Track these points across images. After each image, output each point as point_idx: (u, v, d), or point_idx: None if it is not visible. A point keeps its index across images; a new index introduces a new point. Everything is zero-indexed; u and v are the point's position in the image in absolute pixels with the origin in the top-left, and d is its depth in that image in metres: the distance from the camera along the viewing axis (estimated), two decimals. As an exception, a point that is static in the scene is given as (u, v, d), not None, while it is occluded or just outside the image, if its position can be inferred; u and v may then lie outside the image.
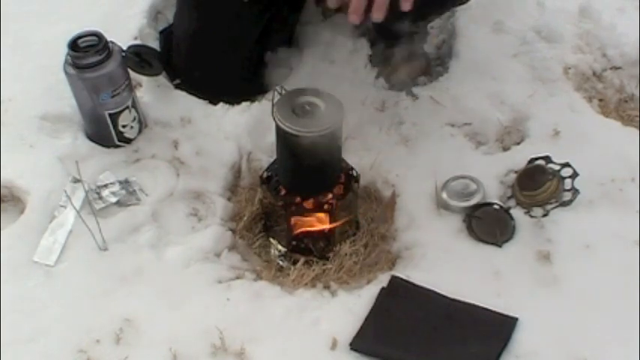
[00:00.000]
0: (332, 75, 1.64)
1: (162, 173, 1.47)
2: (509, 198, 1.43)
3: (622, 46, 1.70)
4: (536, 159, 1.45)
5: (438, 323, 1.26)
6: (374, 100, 1.61)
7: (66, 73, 1.40)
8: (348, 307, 1.28)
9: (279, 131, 1.26)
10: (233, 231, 1.43)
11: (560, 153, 1.45)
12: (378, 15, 1.19)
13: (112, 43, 1.42)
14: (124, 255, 1.34)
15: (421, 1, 1.21)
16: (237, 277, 1.34)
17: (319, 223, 1.36)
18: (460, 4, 1.61)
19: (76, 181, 1.42)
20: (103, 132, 1.47)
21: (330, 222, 1.36)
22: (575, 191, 1.40)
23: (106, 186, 1.42)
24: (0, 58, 1.61)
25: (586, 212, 1.39)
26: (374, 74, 1.67)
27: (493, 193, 1.43)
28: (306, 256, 1.40)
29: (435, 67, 1.75)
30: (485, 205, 1.40)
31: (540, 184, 1.39)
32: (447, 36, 1.81)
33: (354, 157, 1.45)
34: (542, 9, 1.77)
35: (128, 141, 1.50)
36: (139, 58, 1.50)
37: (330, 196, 1.33)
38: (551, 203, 1.40)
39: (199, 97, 1.58)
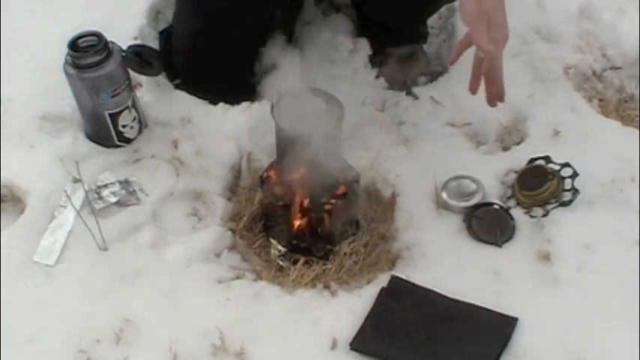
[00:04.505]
0: (332, 75, 1.64)
1: (162, 173, 1.47)
2: (509, 198, 1.43)
3: (622, 46, 1.70)
4: (536, 159, 1.45)
5: (438, 323, 1.26)
6: (374, 100, 1.61)
7: (66, 73, 1.40)
8: (348, 307, 1.28)
9: (279, 131, 1.26)
10: (233, 231, 1.43)
11: (560, 153, 1.45)
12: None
13: (112, 43, 1.42)
14: (124, 255, 1.34)
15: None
16: (237, 277, 1.34)
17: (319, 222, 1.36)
18: (449, 1, 1.62)
19: (76, 181, 1.42)
20: (103, 132, 1.47)
21: (330, 222, 1.36)
22: (575, 191, 1.40)
23: (106, 186, 1.42)
24: (0, 58, 1.61)
25: (586, 212, 1.39)
26: (374, 74, 1.67)
27: (493, 193, 1.43)
28: (306, 256, 1.40)
29: (435, 67, 1.75)
30: (485, 205, 1.40)
31: (540, 184, 1.39)
32: (447, 36, 1.82)
33: (354, 157, 1.45)
34: (542, 9, 1.76)
35: (128, 141, 1.50)
36: (139, 58, 1.49)
37: (330, 196, 1.33)
38: (551, 203, 1.40)
39: (199, 97, 1.58)
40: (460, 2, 1.22)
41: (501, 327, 1.24)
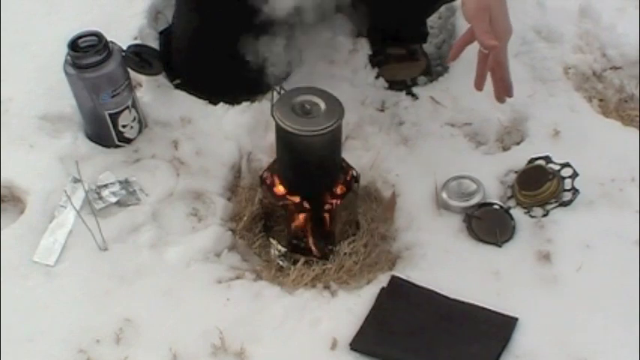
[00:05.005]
0: (332, 75, 1.64)
1: (162, 173, 1.47)
2: (509, 198, 1.43)
3: (622, 46, 1.70)
4: (536, 159, 1.45)
5: (438, 323, 1.26)
6: (374, 100, 1.61)
7: (66, 73, 1.40)
8: (348, 307, 1.28)
9: (279, 131, 1.26)
10: (233, 231, 1.43)
11: (560, 153, 1.45)
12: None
13: (112, 43, 1.42)
14: (124, 255, 1.34)
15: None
16: (237, 277, 1.34)
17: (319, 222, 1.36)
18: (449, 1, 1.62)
19: (76, 181, 1.42)
20: (103, 132, 1.47)
21: (330, 222, 1.36)
22: (575, 191, 1.40)
23: (106, 186, 1.42)
24: (0, 58, 1.61)
25: (586, 212, 1.39)
26: (374, 74, 1.67)
27: (493, 193, 1.43)
28: (306, 256, 1.40)
29: (435, 67, 1.75)
30: (485, 205, 1.40)
31: (540, 184, 1.39)
32: (447, 36, 1.82)
33: (354, 157, 1.45)
34: (542, 9, 1.76)
35: (128, 141, 1.50)
36: (139, 58, 1.49)
37: (330, 195, 1.33)
38: (551, 203, 1.40)
39: (199, 97, 1.58)
40: None
41: (501, 327, 1.24)
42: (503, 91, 1.31)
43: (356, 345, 1.22)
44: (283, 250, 1.41)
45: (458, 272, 1.32)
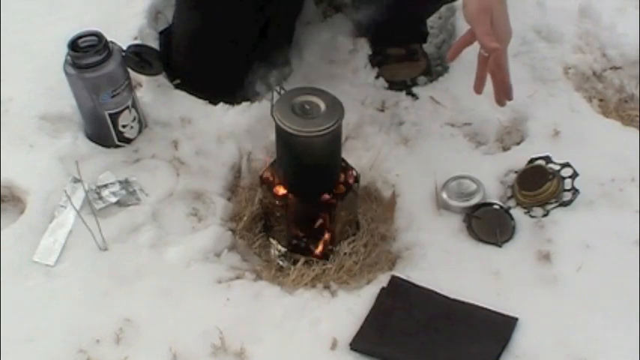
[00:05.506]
0: (332, 75, 1.64)
1: (162, 173, 1.47)
2: (509, 198, 1.43)
3: (622, 46, 1.70)
4: (536, 159, 1.45)
5: (438, 323, 1.26)
6: (374, 100, 1.61)
7: (66, 73, 1.40)
8: (348, 307, 1.28)
9: (279, 131, 1.26)
10: (233, 231, 1.43)
11: (560, 153, 1.45)
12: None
13: (112, 43, 1.42)
14: (124, 255, 1.34)
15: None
16: (237, 277, 1.34)
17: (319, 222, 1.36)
18: (449, 1, 1.62)
19: (76, 181, 1.42)
20: (103, 132, 1.47)
21: (330, 222, 1.36)
22: (575, 191, 1.40)
23: (106, 186, 1.42)
24: (0, 58, 1.61)
25: (586, 212, 1.39)
26: (374, 74, 1.67)
27: (493, 193, 1.43)
28: (306, 256, 1.40)
29: (435, 67, 1.75)
30: (485, 205, 1.40)
31: (540, 184, 1.39)
32: (447, 36, 1.82)
33: (354, 157, 1.45)
34: (542, 9, 1.76)
35: (128, 141, 1.50)
36: (139, 58, 1.49)
37: (330, 195, 1.33)
38: (551, 203, 1.40)
39: (199, 97, 1.58)
40: (463, 0, 1.21)
41: (501, 327, 1.24)
42: (504, 93, 1.31)
43: (356, 345, 1.22)
44: (283, 250, 1.41)
45: (458, 272, 1.32)
